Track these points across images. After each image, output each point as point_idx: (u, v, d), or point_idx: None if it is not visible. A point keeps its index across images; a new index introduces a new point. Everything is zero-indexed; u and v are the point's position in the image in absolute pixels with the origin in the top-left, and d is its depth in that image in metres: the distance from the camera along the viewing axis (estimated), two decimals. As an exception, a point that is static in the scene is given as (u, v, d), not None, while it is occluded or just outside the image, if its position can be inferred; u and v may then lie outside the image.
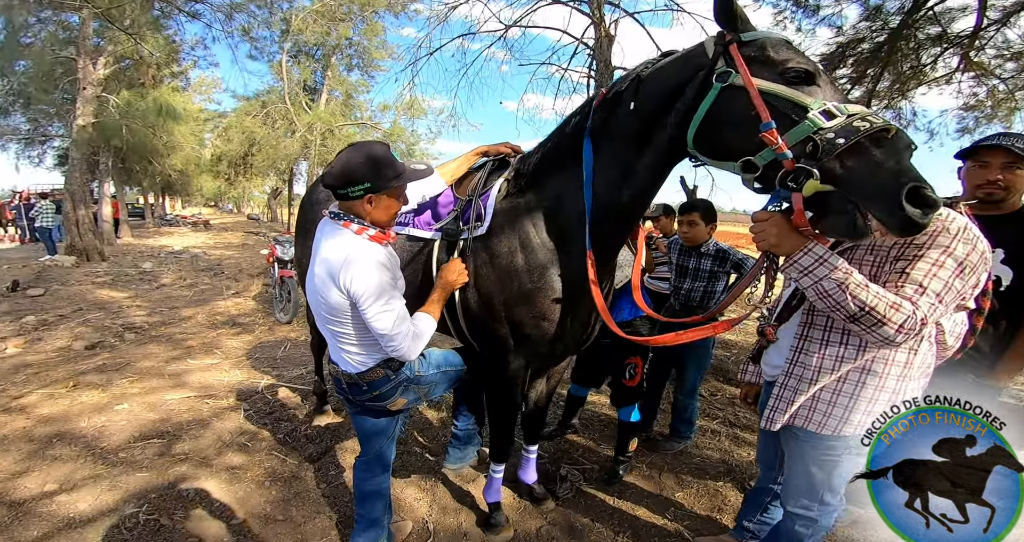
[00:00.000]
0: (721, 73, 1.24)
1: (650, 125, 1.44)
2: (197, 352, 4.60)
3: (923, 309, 1.12)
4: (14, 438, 2.71)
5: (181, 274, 9.30)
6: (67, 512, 2.06)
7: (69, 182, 10.77)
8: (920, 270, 1.16)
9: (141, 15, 6.67)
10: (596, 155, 1.55)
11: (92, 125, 10.24)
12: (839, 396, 1.32)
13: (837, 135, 1.06)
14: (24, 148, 14.46)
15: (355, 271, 1.38)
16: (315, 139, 12.64)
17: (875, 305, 1.11)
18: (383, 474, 1.84)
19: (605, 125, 1.53)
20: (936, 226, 1.19)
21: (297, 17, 12.05)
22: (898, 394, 1.29)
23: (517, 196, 1.71)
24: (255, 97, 15.35)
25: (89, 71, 10.22)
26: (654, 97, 1.41)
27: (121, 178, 16.09)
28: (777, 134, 1.12)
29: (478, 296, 1.71)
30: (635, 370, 2.38)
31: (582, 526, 2.16)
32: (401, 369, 1.61)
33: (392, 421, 1.81)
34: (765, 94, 1.16)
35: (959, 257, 1.16)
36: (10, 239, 15.27)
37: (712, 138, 1.29)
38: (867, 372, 1.29)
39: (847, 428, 1.32)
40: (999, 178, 1.63)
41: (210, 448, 2.68)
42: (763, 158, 1.16)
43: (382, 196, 1.47)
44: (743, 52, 1.23)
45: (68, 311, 6.23)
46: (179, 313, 6.26)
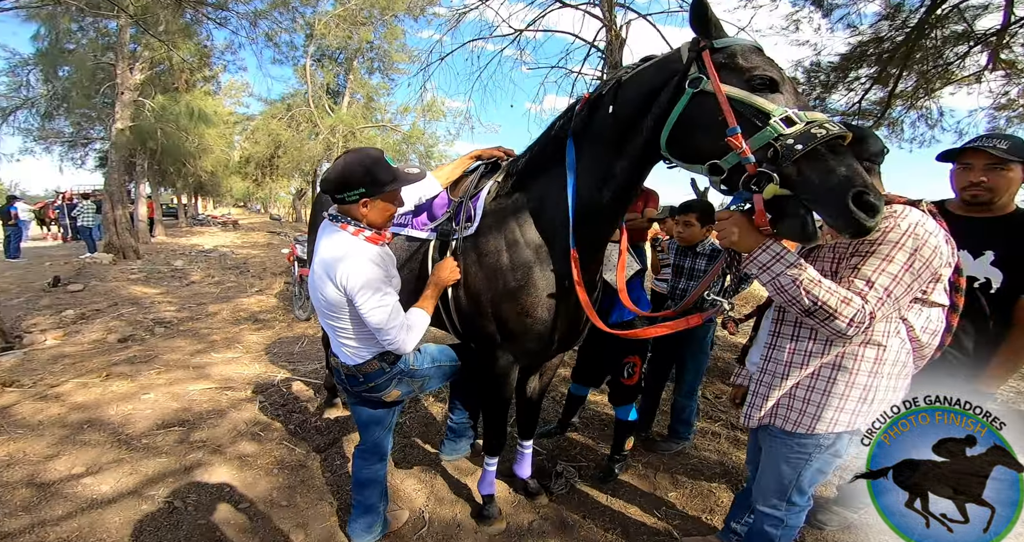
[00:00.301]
0: (693, 79, 1.28)
1: (628, 128, 1.49)
2: (220, 346, 4.82)
3: (871, 303, 1.16)
4: (48, 424, 2.92)
5: (209, 272, 9.69)
6: (90, 493, 2.22)
7: (108, 183, 11.36)
8: (870, 266, 1.20)
9: (173, 22, 7.02)
10: (578, 157, 1.61)
11: (129, 129, 10.78)
12: (812, 393, 1.35)
13: (796, 141, 1.10)
14: (67, 150, 15.29)
15: (349, 268, 1.48)
16: (337, 141, 12.98)
17: (827, 300, 1.15)
18: (379, 463, 1.93)
19: (586, 128, 1.58)
20: (889, 224, 1.23)
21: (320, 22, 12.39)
22: (870, 391, 1.31)
23: (505, 197, 1.78)
24: (280, 100, 15.87)
25: (127, 76, 10.76)
26: (631, 101, 1.46)
27: (156, 179, 16.84)
28: (742, 139, 1.16)
29: (467, 293, 1.79)
30: (633, 369, 2.42)
31: (573, 522, 2.21)
32: (396, 362, 1.70)
33: (388, 412, 1.90)
34: (732, 100, 1.21)
35: (908, 252, 1.19)
36: (53, 237, 16.17)
37: (683, 141, 1.34)
38: (837, 369, 1.32)
39: (820, 425, 1.34)
40: (982, 180, 1.64)
41: (225, 437, 2.84)
42: (728, 162, 1.21)
43: (377, 199, 1.55)
44: (714, 58, 1.28)
45: (104, 306, 6.58)
46: (205, 309, 6.54)
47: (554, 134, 1.67)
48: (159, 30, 7.48)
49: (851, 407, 1.31)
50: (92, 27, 10.52)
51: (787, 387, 1.38)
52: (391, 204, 1.61)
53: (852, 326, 1.15)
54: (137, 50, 10.41)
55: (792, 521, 1.53)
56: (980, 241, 1.67)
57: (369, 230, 1.58)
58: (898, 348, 1.30)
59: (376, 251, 1.58)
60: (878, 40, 4.40)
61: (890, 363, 1.30)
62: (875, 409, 1.32)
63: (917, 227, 1.21)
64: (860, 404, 1.31)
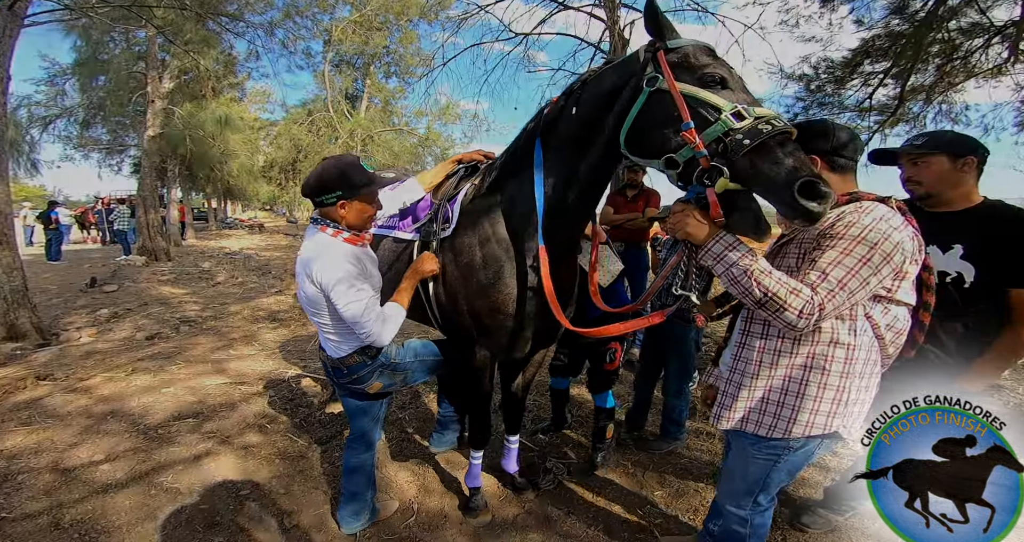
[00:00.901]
0: (650, 78, 1.34)
1: (590, 128, 1.55)
2: (238, 343, 5.04)
3: (821, 294, 1.16)
4: (75, 414, 3.14)
5: (234, 273, 10.07)
6: (106, 479, 2.40)
7: (141, 188, 11.94)
8: (826, 258, 1.20)
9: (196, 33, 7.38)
10: (545, 157, 1.67)
11: (159, 135, 11.30)
12: (785, 396, 1.34)
13: (744, 136, 1.16)
14: (105, 157, 16.14)
15: (324, 265, 1.58)
16: (356, 145, 13.30)
17: (777, 291, 1.16)
18: (366, 452, 2.03)
19: (553, 129, 1.65)
20: (852, 218, 1.24)
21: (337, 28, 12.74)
22: (843, 391, 1.29)
23: (481, 198, 1.85)
24: (302, 106, 16.37)
25: (157, 85, 11.28)
26: (593, 102, 1.53)
27: (187, 184, 17.57)
28: (695, 133, 1.21)
29: (445, 291, 1.87)
30: (615, 355, 2.50)
31: (557, 517, 2.26)
32: (377, 356, 1.79)
33: (375, 403, 2.00)
34: (686, 96, 1.26)
35: (868, 246, 1.18)
36: (93, 240, 17.05)
37: (641, 138, 1.39)
38: (809, 370, 1.30)
39: (796, 429, 1.32)
40: (909, 176, 1.72)
41: (234, 428, 2.99)
42: (683, 156, 1.26)
43: (353, 201, 1.65)
44: (668, 58, 1.33)
45: (135, 305, 6.94)
46: (228, 308, 6.83)
47: (525, 136, 1.74)
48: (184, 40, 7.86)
49: (826, 409, 1.30)
50: (123, 38, 11.08)
51: (757, 387, 1.37)
52: (368, 205, 1.70)
53: (802, 317, 1.15)
54: (166, 59, 10.93)
55: (758, 520, 1.54)
56: (947, 235, 1.67)
57: (348, 231, 1.68)
58: (868, 346, 1.29)
59: (353, 251, 1.68)
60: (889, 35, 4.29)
61: (861, 362, 1.29)
62: (850, 410, 1.31)
63: (880, 222, 1.20)
64: (835, 405, 1.30)
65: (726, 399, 1.46)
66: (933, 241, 1.67)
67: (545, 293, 1.59)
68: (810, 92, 5.56)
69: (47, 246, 12.11)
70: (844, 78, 5.00)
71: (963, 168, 1.66)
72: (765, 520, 1.56)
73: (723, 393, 1.48)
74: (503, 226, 1.78)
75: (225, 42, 9.08)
